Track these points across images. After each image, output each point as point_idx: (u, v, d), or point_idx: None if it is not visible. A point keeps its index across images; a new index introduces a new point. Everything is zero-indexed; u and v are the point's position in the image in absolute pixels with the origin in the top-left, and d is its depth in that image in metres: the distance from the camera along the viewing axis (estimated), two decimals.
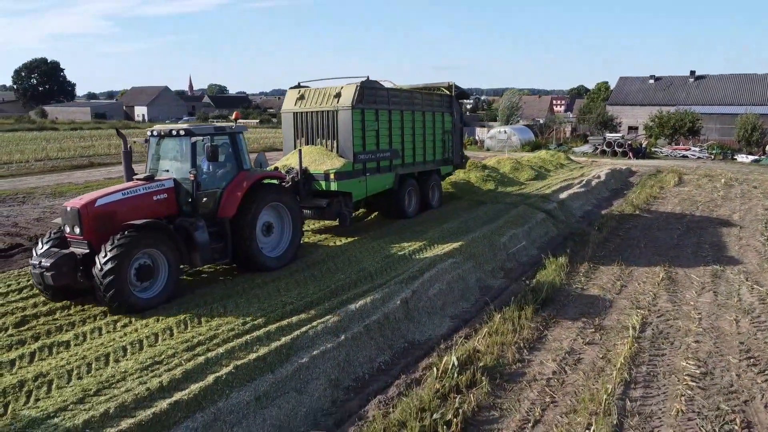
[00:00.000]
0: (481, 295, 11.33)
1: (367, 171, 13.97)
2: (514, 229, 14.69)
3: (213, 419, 6.12)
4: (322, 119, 13.95)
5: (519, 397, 7.30)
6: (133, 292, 8.60)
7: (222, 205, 10.19)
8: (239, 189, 10.31)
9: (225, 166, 10.66)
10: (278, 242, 11.28)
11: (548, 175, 25.73)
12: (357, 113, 13.55)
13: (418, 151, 16.17)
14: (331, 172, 12.93)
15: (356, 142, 13.56)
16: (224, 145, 10.57)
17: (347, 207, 13.43)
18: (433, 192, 17.15)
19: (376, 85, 14.48)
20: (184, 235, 9.47)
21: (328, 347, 7.81)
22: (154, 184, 9.74)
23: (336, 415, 7.01)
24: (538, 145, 43.38)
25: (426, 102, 16.50)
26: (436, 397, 7.06)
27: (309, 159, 13.39)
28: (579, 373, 7.94)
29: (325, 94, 14.04)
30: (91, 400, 6.09)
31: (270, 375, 6.97)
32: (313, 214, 13.49)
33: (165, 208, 9.72)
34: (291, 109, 14.63)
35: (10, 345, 7.56)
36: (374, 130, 14.15)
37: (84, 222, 8.75)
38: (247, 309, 8.77)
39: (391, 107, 14.78)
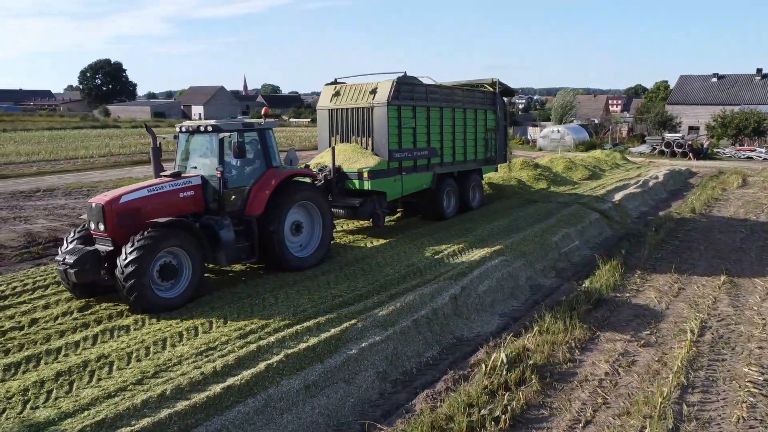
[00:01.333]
0: (531, 293, 11.16)
1: (403, 170, 13.55)
2: (566, 229, 14.40)
3: (264, 405, 6.26)
4: (358, 116, 13.63)
5: (570, 396, 7.16)
6: (156, 291, 8.42)
7: (249, 203, 10.00)
8: (267, 187, 10.08)
9: (253, 163, 10.45)
10: (308, 242, 11.01)
11: (603, 175, 25.09)
12: (393, 110, 13.16)
13: (458, 149, 15.64)
14: (365, 170, 12.58)
15: (392, 140, 13.18)
16: (253, 141, 10.38)
17: (381, 207, 13.10)
18: (473, 192, 16.60)
19: (413, 81, 14.10)
20: (210, 233, 9.31)
21: (376, 340, 7.86)
22: (180, 181, 9.60)
23: (384, 407, 7.04)
24: (592, 145, 42.29)
25: (467, 99, 15.96)
26: (485, 394, 7.00)
27: (343, 157, 13.12)
28: (633, 375, 7.72)
29: (361, 91, 13.70)
30: (149, 382, 6.33)
31: (319, 365, 7.07)
32: (345, 214, 13.21)
33: (191, 205, 9.60)
34: (326, 106, 14.34)
35: (75, 328, 7.96)
36: (411, 128, 13.76)
37: (108, 219, 8.64)
38: (297, 300, 8.93)
39: (430, 104, 14.33)
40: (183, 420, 5.72)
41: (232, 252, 9.45)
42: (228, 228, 9.41)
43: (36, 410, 5.81)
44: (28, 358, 6.90)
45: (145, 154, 34.63)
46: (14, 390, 6.13)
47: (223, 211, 9.71)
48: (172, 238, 8.58)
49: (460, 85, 17.42)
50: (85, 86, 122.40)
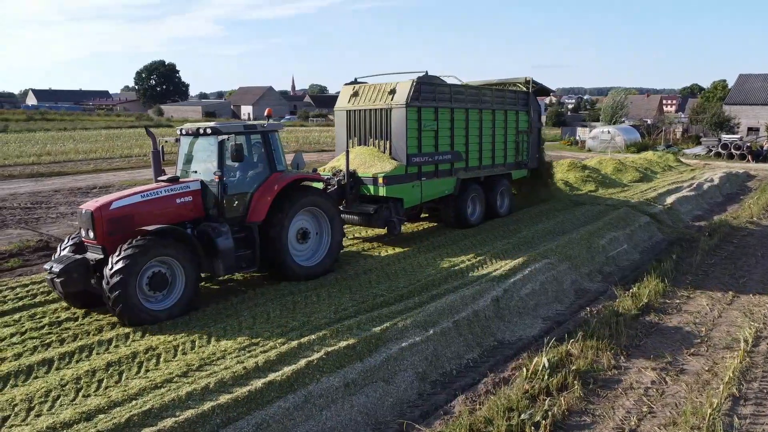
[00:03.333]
0: (576, 297, 10.94)
1: (422, 175, 12.80)
2: (614, 232, 14.05)
3: (304, 401, 6.34)
4: (376, 118, 12.87)
5: (613, 404, 6.99)
6: (143, 303, 7.96)
7: (251, 209, 9.48)
8: (269, 192, 9.53)
9: (256, 167, 9.92)
10: (315, 250, 10.38)
11: (654, 177, 24.35)
12: (412, 111, 12.42)
13: (486, 153, 14.75)
14: (380, 175, 11.87)
15: (411, 143, 12.47)
16: (256, 144, 9.91)
17: (397, 214, 12.40)
18: (501, 199, 15.61)
19: (435, 81, 13.33)
20: (206, 241, 8.81)
21: (416, 340, 7.85)
22: (178, 185, 9.12)
23: (422, 407, 7.03)
24: (644, 146, 41.12)
25: (497, 99, 14.99)
26: (525, 398, 6.91)
27: (359, 161, 12.51)
28: (681, 384, 7.47)
29: (380, 91, 12.92)
30: (194, 374, 6.51)
31: (359, 363, 7.12)
32: (359, 221, 12.52)
33: (189, 211, 9.12)
34: (344, 107, 13.58)
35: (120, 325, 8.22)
36: (433, 130, 12.99)
37: (97, 226, 8.23)
38: (338, 299, 9.01)
39: (454, 105, 13.49)
40: (225, 413, 5.85)
41: (230, 261, 8.92)
42: (226, 235, 8.88)
43: (87, 398, 6.06)
44: (81, 348, 7.20)
45: None
46: (68, 378, 6.41)
47: (223, 218, 9.22)
48: (162, 247, 8.10)
49: (490, 84, 16.68)
50: (141, 87, 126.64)
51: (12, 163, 28.30)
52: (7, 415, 5.75)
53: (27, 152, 32.71)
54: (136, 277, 7.84)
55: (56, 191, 21.19)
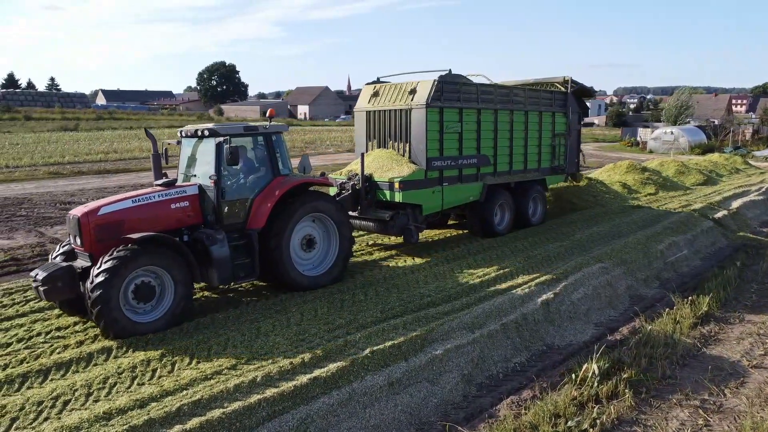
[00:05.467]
0: (631, 304, 10.60)
1: (444, 180, 12.01)
2: (673, 237, 13.53)
3: (348, 398, 6.40)
4: (395, 119, 12.14)
5: (667, 415, 6.74)
6: (127, 316, 7.53)
7: (252, 216, 9.00)
8: (270, 198, 9.03)
9: (258, 171, 9.41)
10: (323, 259, 9.83)
11: (720, 180, 23.28)
12: (433, 112, 11.65)
13: (517, 157, 13.83)
14: (396, 180, 11.17)
15: (431, 146, 11.70)
16: (258, 147, 9.44)
17: (415, 221, 11.67)
18: (534, 206, 14.60)
19: (460, 80, 12.55)
20: (201, 249, 8.39)
21: (462, 342, 7.80)
22: (173, 190, 8.70)
23: (467, 409, 6.98)
24: (710, 148, 39.41)
25: (530, 100, 14.00)
26: (573, 405, 6.76)
27: (377, 164, 11.89)
28: (741, 397, 7.13)
29: (400, 91, 12.19)
30: (242, 368, 6.68)
31: (404, 363, 7.12)
32: (375, 228, 11.81)
33: (187, 217, 8.69)
34: (364, 108, 12.87)
35: None
36: (456, 132, 12.16)
37: (84, 232, 7.88)
38: (386, 298, 9.04)
39: (481, 106, 12.61)
40: (271, 406, 5.97)
41: (226, 270, 8.43)
42: (221, 243, 8.41)
43: (142, 386, 6.31)
44: (138, 339, 7.50)
45: None
46: (124, 367, 6.69)
47: (221, 224, 8.77)
48: (149, 256, 7.66)
49: (526, 84, 15.77)
50: (202, 87, 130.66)
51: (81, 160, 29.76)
52: (68, 399, 6.06)
53: (95, 150, 34.34)
54: (118, 290, 7.41)
55: (121, 187, 22.15)
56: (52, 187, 22.14)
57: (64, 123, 60.36)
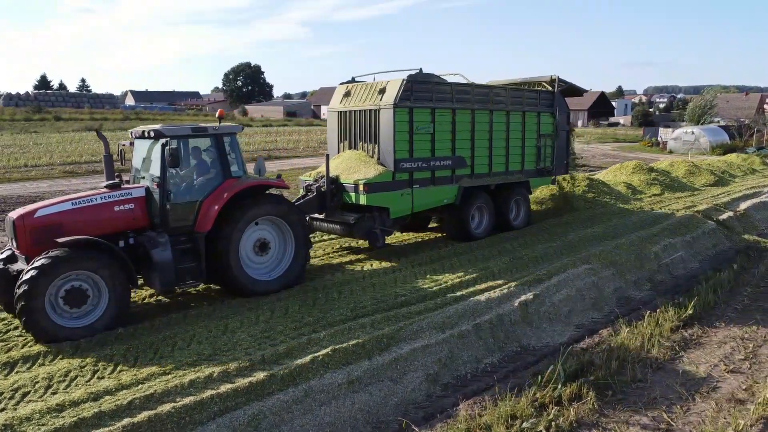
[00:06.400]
0: (617, 306, 10.43)
1: (415, 182, 11.67)
2: (670, 238, 13.27)
3: (304, 395, 6.45)
4: (365, 119, 11.85)
5: (629, 419, 6.63)
6: (53, 319, 7.37)
7: (199, 219, 8.79)
8: (219, 200, 8.78)
9: (208, 173, 9.20)
10: (278, 263, 9.58)
11: (732, 181, 22.73)
12: (402, 113, 11.30)
13: (497, 159, 13.38)
14: (361, 182, 10.96)
15: (399, 147, 11.34)
16: (208, 149, 9.22)
17: (383, 225, 11.43)
18: (517, 209, 14.18)
19: (432, 79, 12.17)
20: (143, 253, 8.27)
21: (430, 342, 7.79)
22: (117, 192, 8.53)
23: (428, 409, 6.96)
24: (732, 148, 38.45)
25: (513, 100, 13.58)
26: (533, 406, 6.70)
27: (345, 166, 11.70)
28: (710, 402, 6.99)
29: (371, 90, 11.90)
30: (202, 364, 6.78)
31: (366, 361, 7.14)
32: (341, 231, 11.63)
33: (132, 220, 8.52)
34: (336, 108, 12.63)
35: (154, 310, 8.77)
36: (428, 133, 11.82)
37: (20, 235, 7.78)
38: (360, 297, 9.07)
39: (457, 106, 12.24)
40: (224, 402, 6.05)
41: (169, 275, 8.25)
42: (163, 247, 8.23)
43: (101, 380, 6.45)
44: (107, 334, 7.66)
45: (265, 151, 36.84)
46: (89, 361, 6.86)
47: (167, 227, 8.61)
48: (80, 261, 7.50)
49: (513, 83, 15.37)
50: (228, 88, 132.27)
51: (98, 159, 30.24)
52: (28, 390, 6.23)
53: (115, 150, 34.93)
54: (44, 295, 7.23)
55: None
56: (65, 185, 22.62)
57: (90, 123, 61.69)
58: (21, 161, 29.44)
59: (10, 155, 31.78)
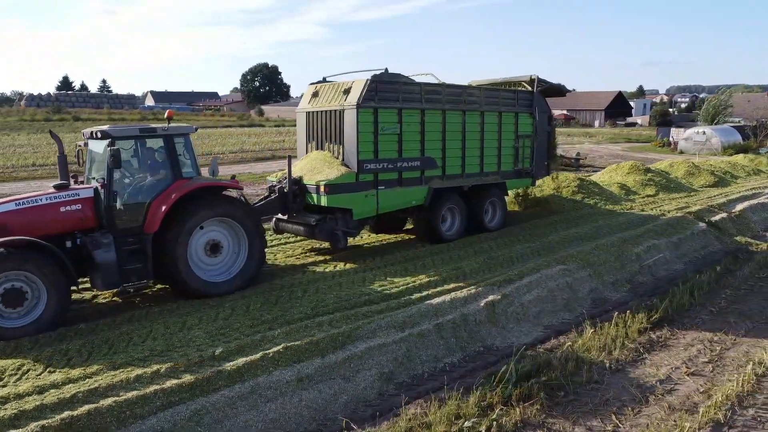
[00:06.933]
0: (591, 307, 10.38)
1: (380, 183, 11.52)
2: (655, 239, 13.12)
3: (250, 392, 6.52)
4: (330, 120, 11.75)
5: (577, 420, 6.61)
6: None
7: (147, 220, 8.77)
8: (166, 201, 8.76)
9: (158, 173, 9.20)
10: (231, 264, 9.53)
11: (733, 182, 22.35)
12: (366, 113, 11.16)
13: (471, 160, 13.15)
14: (322, 183, 10.85)
15: (363, 148, 11.20)
16: (159, 150, 9.21)
17: (346, 226, 11.32)
18: (493, 211, 13.97)
19: (399, 80, 12.01)
20: (86, 253, 8.27)
21: (388, 340, 7.82)
22: (64, 193, 8.52)
23: (378, 407, 6.99)
24: (744, 149, 37.77)
25: (488, 100, 13.35)
26: (480, 406, 6.70)
27: (309, 167, 11.60)
28: (663, 404, 6.93)
29: (337, 91, 11.81)
30: (152, 359, 6.87)
31: (319, 359, 7.19)
32: (305, 232, 11.54)
33: (80, 221, 8.49)
34: (304, 108, 12.52)
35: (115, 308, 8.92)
36: (395, 134, 11.65)
37: None
38: (324, 295, 9.10)
39: (426, 106, 12.06)
40: (168, 397, 6.14)
41: (112, 275, 8.26)
42: (106, 248, 8.23)
43: (52, 374, 6.58)
44: (66, 329, 7.82)
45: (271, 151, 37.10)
46: (44, 355, 7.00)
47: (114, 228, 8.61)
48: (17, 261, 7.51)
49: (491, 83, 15.19)
50: (245, 88, 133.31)
51: None
52: None
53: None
54: None
55: None
56: None
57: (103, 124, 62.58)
58: (30, 160, 30.02)
59: (21, 154, 32.44)
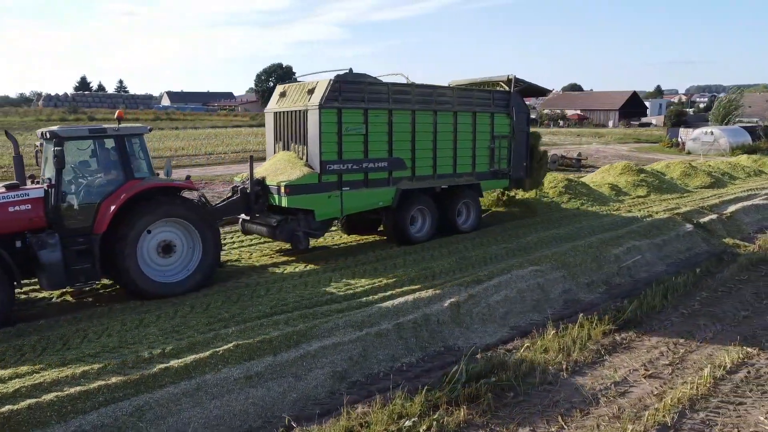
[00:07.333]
0: (562, 308, 10.33)
1: (345, 184, 11.45)
2: (636, 241, 13.00)
3: (196, 388, 6.57)
4: (296, 120, 11.70)
5: (522, 421, 6.58)
6: None
7: (97, 220, 8.80)
8: (115, 201, 8.79)
9: (108, 174, 9.22)
10: (185, 265, 9.54)
11: (731, 183, 22.02)
12: (328, 114, 11.09)
13: (443, 161, 12.99)
14: (283, 184, 10.82)
15: (326, 149, 11.13)
16: (111, 150, 9.22)
17: (308, 227, 11.27)
18: (467, 212, 13.85)
19: (364, 80, 11.89)
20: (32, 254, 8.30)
21: (344, 340, 7.84)
22: (13, 193, 8.52)
23: (327, 406, 7.01)
24: (753, 149, 37.15)
25: (461, 100, 13.17)
26: (426, 406, 6.70)
27: (274, 167, 11.60)
28: (613, 407, 6.87)
29: (302, 91, 11.77)
30: (103, 355, 6.97)
31: (270, 357, 7.23)
32: (267, 233, 11.48)
33: (27, 221, 8.48)
34: (272, 109, 12.51)
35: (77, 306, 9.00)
36: (360, 134, 11.57)
37: None
38: (286, 294, 9.15)
39: (394, 106, 11.93)
40: (111, 392, 6.22)
41: (57, 275, 8.31)
42: (52, 248, 8.27)
43: (4, 369, 6.69)
44: (25, 324, 7.97)
45: None
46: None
47: (64, 229, 8.66)
48: None
49: (470, 83, 15.09)
50: (259, 88, 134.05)
51: None
52: None
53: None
54: None
55: None
56: None
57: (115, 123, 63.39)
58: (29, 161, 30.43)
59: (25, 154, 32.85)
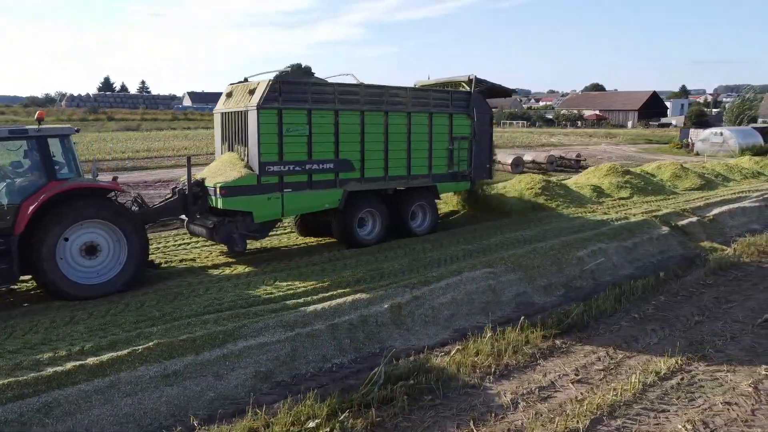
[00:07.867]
0: (513, 311, 10.18)
1: (287, 186, 11.28)
2: (602, 243, 12.78)
3: (108, 386, 6.61)
4: (238, 121, 11.57)
5: (432, 425, 6.52)
6: None
7: (17, 221, 8.78)
8: (33, 202, 8.79)
9: (29, 175, 9.25)
10: (112, 266, 9.52)
11: (723, 185, 21.51)
12: (268, 115, 10.91)
13: (396, 162, 12.74)
14: (218, 186, 10.70)
15: (265, 150, 10.95)
16: (34, 151, 9.21)
17: (246, 229, 11.11)
18: (422, 215, 13.66)
19: (307, 80, 11.84)
20: None
21: (272, 339, 7.83)
22: None
23: (243, 405, 7.01)
24: (763, 151, 36.35)
25: (416, 101, 12.93)
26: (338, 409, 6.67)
27: (215, 169, 11.48)
28: (529, 412, 6.78)
29: (245, 91, 11.60)
30: (23, 352, 7.04)
31: (192, 356, 7.24)
32: (206, 234, 11.34)
33: None
34: (219, 109, 12.36)
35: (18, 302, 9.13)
36: (303, 135, 11.38)
37: None
38: (225, 294, 9.14)
39: (341, 107, 11.77)
40: (21, 388, 6.29)
41: None
42: None
43: None
44: None
45: None
46: None
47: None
48: None
49: (433, 84, 14.92)
50: None
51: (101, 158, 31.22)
52: None
53: (130, 148, 36.39)
54: None
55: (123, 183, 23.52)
56: None
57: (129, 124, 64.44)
58: None
59: None
